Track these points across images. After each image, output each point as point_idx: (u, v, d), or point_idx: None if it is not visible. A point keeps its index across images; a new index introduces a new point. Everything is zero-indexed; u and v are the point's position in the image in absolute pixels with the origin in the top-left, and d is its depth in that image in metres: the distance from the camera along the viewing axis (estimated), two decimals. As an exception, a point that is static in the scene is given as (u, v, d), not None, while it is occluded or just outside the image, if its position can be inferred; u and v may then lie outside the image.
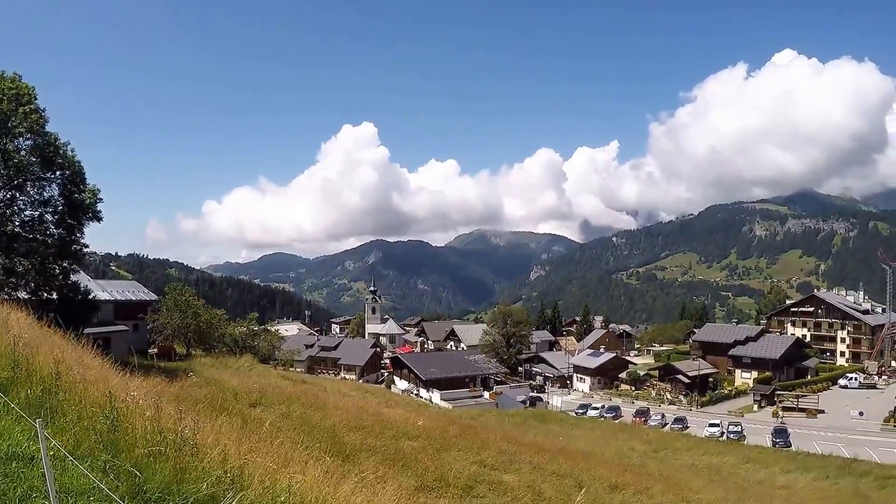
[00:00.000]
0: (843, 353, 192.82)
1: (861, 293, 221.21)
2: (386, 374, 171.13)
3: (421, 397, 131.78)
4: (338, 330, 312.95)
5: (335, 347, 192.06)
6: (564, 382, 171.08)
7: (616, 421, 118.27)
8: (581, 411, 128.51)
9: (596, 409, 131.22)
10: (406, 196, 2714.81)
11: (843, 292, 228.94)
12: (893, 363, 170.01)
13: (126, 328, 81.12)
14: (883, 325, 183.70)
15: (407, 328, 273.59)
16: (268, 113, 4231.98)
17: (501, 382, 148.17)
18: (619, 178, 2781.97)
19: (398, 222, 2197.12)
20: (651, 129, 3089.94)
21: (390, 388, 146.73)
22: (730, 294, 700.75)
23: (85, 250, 52.97)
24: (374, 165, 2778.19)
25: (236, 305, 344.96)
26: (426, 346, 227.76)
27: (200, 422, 12.22)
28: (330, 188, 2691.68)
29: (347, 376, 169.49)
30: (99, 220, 49.81)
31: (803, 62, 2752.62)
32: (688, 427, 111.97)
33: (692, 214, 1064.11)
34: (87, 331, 45.48)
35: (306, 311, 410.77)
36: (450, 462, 25.48)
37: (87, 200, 48.24)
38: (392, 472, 16.38)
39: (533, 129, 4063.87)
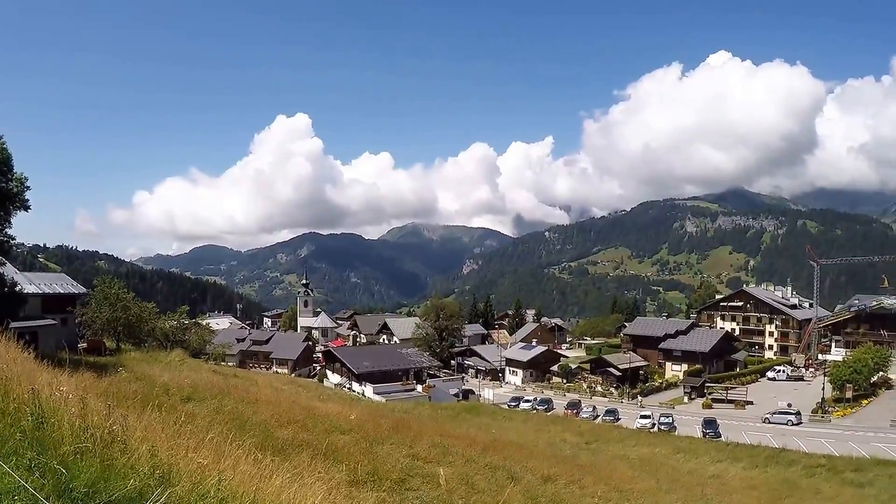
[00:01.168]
0: (771, 347, 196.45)
1: (789, 289, 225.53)
2: (318, 368, 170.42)
3: (353, 391, 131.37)
4: (270, 323, 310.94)
5: (267, 341, 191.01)
6: (497, 375, 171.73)
7: (548, 413, 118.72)
8: (513, 404, 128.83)
9: (528, 401, 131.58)
10: (339, 189, 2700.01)
11: (772, 288, 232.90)
12: (820, 356, 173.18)
13: (54, 322, 79.58)
14: (810, 320, 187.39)
15: (339, 322, 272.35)
16: (200, 102, 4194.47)
17: (434, 376, 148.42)
18: (553, 173, 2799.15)
19: (331, 215, 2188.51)
20: (585, 125, 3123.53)
21: (323, 382, 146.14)
22: (660, 288, 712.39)
23: (12, 242, 51.80)
24: (308, 157, 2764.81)
25: (167, 299, 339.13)
26: (359, 339, 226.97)
27: (129, 418, 12.03)
28: (263, 179, 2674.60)
29: (280, 370, 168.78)
30: (26, 209, 48.60)
31: (737, 64, 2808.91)
32: (619, 419, 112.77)
33: (624, 210, 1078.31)
34: (13, 325, 44.52)
35: (238, 305, 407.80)
36: (383, 455, 25.42)
37: (14, 189, 46.95)
38: (324, 466, 16.25)
39: (468, 123, 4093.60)
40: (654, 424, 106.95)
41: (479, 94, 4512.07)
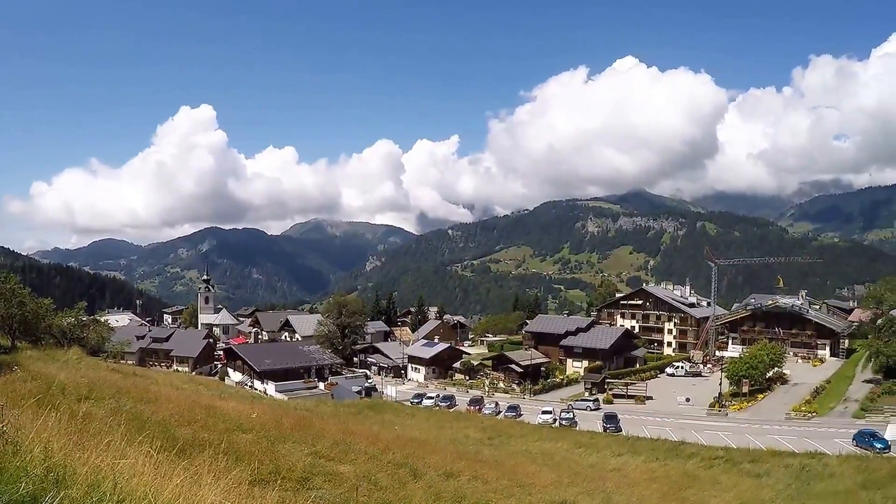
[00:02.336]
0: (670, 344, 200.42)
1: (687, 288, 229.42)
2: (220, 365, 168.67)
3: (255, 389, 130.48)
4: (170, 320, 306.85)
5: (167, 339, 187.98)
6: (399, 372, 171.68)
7: (451, 410, 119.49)
8: (416, 401, 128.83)
9: (431, 398, 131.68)
10: (242, 183, 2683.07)
11: (671, 287, 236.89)
12: (717, 353, 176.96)
13: (-56, 319, 77.30)
14: (708, 318, 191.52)
15: (241, 318, 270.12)
16: (102, 90, 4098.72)
17: (337, 373, 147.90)
18: (458, 171, 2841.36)
19: (234, 209, 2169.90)
20: (491, 125, 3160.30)
21: (224, 380, 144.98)
22: (562, 287, 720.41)
23: None
24: (211, 150, 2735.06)
25: (65, 294, 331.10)
26: (260, 336, 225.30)
27: (24, 418, 11.69)
28: (165, 172, 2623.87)
29: (180, 368, 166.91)
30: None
31: (643, 70, 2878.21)
32: (521, 415, 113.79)
33: (527, 210, 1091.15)
34: None
35: (138, 301, 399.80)
36: (284, 454, 25.21)
37: None
38: (225, 465, 16.01)
39: (374, 120, 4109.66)
40: (555, 420, 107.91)
41: (386, 92, 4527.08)
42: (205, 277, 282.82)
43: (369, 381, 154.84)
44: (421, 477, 29.20)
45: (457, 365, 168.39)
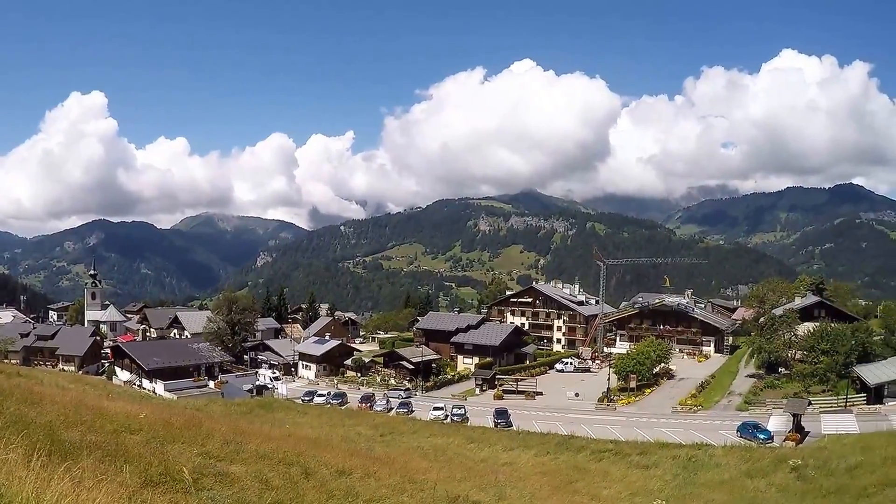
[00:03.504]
0: (559, 340, 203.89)
1: (577, 286, 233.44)
2: (107, 364, 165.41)
3: (144, 388, 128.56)
4: (56, 317, 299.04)
5: (53, 336, 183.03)
6: (290, 370, 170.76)
7: (342, 407, 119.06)
8: (307, 398, 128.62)
9: (322, 395, 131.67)
10: (132, 174, 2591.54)
11: (560, 285, 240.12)
12: (606, 349, 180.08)
13: None
14: (596, 315, 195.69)
15: (129, 315, 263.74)
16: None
17: (227, 371, 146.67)
18: (352, 168, 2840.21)
19: (123, 201, 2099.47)
20: (386, 122, 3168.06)
21: (112, 379, 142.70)
22: (453, 284, 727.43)
23: None
24: (101, 139, 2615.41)
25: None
26: (149, 334, 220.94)
27: None
28: (52, 160, 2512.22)
29: (66, 368, 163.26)
30: None
31: (539, 73, 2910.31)
32: (413, 411, 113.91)
33: (420, 207, 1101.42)
34: None
35: (22, 297, 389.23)
36: (174, 455, 24.89)
37: None
38: (113, 468, 15.75)
39: (268, 113, 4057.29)
40: (446, 416, 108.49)
41: (280, 87, 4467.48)
42: (92, 272, 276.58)
43: (278, 380, 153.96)
44: (313, 475, 29.09)
45: (348, 362, 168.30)
